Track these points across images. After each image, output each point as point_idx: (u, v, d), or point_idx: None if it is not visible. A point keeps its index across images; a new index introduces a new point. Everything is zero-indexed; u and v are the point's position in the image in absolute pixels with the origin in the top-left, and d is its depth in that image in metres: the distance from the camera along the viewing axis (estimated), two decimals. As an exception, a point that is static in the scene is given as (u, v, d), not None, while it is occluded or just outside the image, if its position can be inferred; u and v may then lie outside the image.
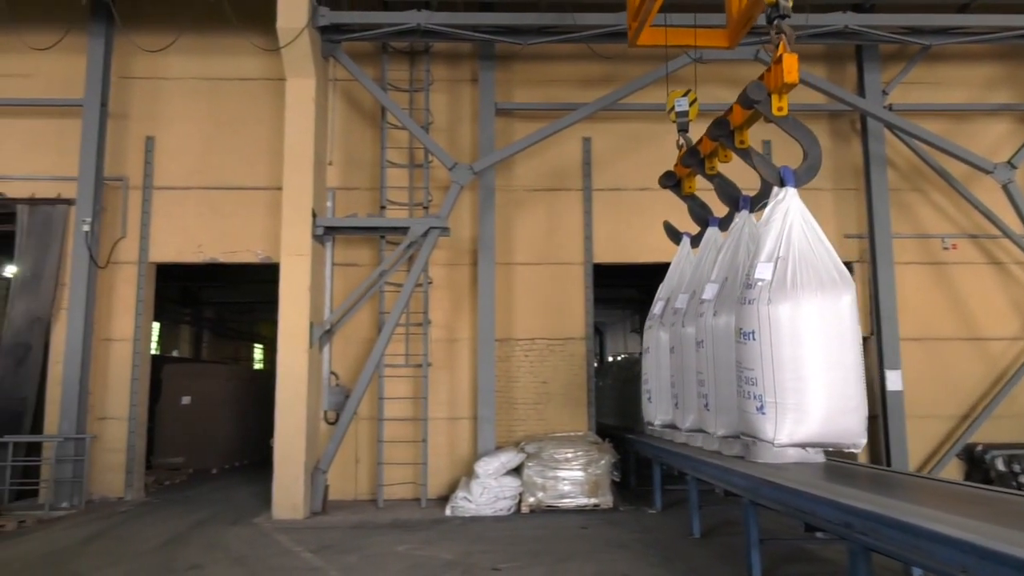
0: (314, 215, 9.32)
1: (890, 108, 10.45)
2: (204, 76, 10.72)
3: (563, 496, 8.99)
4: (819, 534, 5.38)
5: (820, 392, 4.58)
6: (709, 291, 5.38)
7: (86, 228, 9.96)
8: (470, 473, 9.24)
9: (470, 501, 8.85)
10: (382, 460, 9.65)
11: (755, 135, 6.53)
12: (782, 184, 4.96)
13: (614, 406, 13.09)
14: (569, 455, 9.08)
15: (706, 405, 5.92)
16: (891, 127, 10.29)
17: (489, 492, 8.88)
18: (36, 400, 10.10)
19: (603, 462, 9.12)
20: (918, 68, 10.65)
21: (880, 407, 10.07)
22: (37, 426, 10.04)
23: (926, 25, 9.91)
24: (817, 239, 4.77)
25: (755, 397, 4.69)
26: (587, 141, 10.63)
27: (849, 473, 5.21)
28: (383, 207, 10.23)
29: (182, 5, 10.10)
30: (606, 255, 10.53)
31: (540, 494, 8.97)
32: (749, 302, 4.77)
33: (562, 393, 10.23)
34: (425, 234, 9.52)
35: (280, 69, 9.54)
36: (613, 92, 9.89)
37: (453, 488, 9.40)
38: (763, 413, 4.65)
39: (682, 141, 7.52)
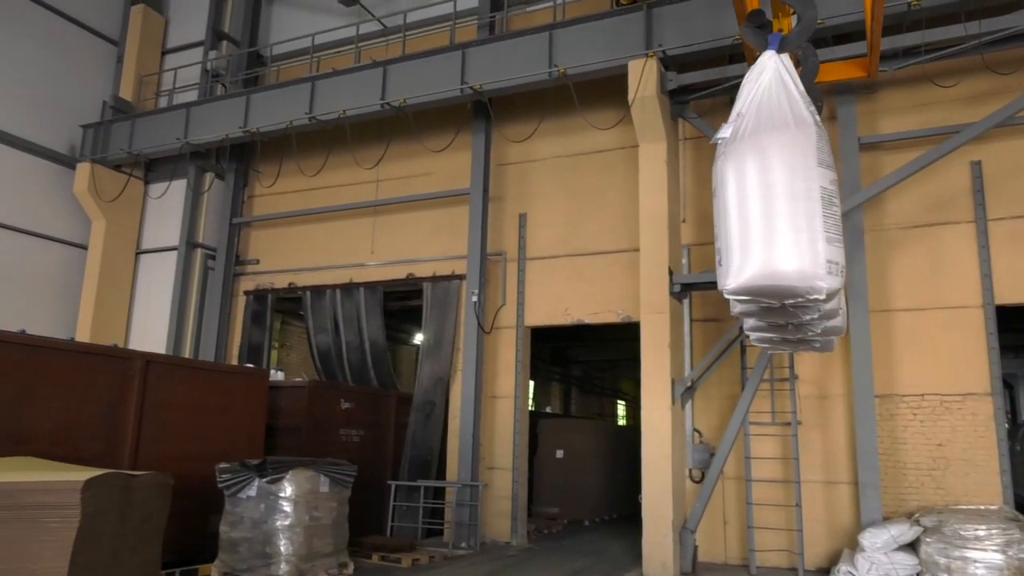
0: (671, 273, 9.48)
1: None
2: (564, 154, 11.77)
3: (976, 582, 7.60)
4: None
5: (762, 231, 4.15)
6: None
7: (474, 299, 11.43)
8: (853, 545, 8.34)
9: (856, 577, 7.97)
10: (752, 523, 9.20)
11: None
12: (766, 49, 4.59)
13: (1038, 477, 10.82)
14: (980, 532, 7.68)
15: None
16: None
17: (878, 568, 7.90)
18: (440, 450, 11.72)
19: (1029, 545, 7.54)
20: None
21: None
22: (441, 473, 11.62)
23: None
24: (782, 90, 4.38)
25: (718, 251, 4.40)
26: (976, 165, 9.23)
27: None
28: (739, 260, 10.00)
29: (542, 96, 11.26)
30: (1012, 294, 8.91)
31: (945, 577, 7.72)
32: (714, 163, 4.60)
33: (964, 458, 8.76)
34: (786, 284, 9.05)
35: (633, 137, 10.06)
36: (1011, 104, 8.50)
37: (832, 560, 8.58)
38: (720, 265, 4.35)
39: None
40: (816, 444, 9.42)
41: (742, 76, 9.42)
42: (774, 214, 4.12)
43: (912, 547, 8.00)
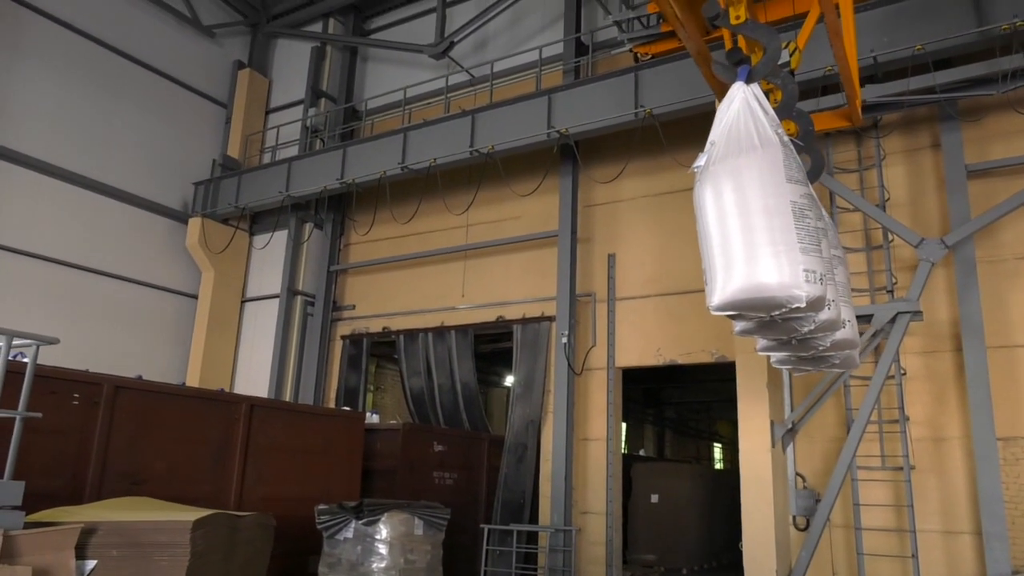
0: (766, 311, 9.19)
1: None
2: (653, 193, 11.70)
3: None
4: None
5: (740, 247, 4.36)
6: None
7: (564, 340, 11.39)
8: (981, 602, 7.71)
9: (985, 637, 7.34)
10: (863, 575, 8.65)
11: None
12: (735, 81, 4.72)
13: None
14: None
15: None
16: None
17: (1011, 629, 7.25)
18: (532, 493, 11.62)
19: None
20: None
21: None
22: (533, 517, 11.50)
23: None
24: (750, 116, 4.51)
25: (704, 272, 4.64)
26: (1100, 189, 8.61)
27: None
28: (839, 296, 9.60)
29: (629, 136, 11.25)
30: None
31: (1089, 640, 7.01)
32: (693, 190, 4.77)
33: (1105, 508, 8.02)
34: (892, 320, 8.63)
35: (721, 174, 9.89)
36: None
37: (960, 618, 7.93)
38: (707, 284, 4.60)
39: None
40: (932, 491, 8.82)
41: (834, 108, 9.24)
42: (750, 230, 4.32)
43: (1049, 606, 7.33)
